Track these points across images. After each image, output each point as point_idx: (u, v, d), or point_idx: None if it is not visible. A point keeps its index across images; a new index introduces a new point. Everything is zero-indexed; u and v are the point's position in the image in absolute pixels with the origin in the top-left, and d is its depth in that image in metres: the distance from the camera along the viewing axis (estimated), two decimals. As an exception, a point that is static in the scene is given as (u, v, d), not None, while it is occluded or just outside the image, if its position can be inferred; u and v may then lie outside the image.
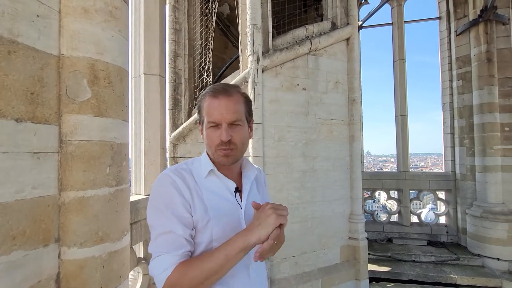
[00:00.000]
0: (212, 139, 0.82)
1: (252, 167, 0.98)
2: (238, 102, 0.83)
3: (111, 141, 1.14)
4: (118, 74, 1.17)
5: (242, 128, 0.83)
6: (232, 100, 0.82)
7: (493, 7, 4.46)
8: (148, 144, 2.62)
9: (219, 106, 0.80)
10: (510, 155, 4.71)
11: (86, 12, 1.08)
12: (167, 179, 0.81)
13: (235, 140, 0.81)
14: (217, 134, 0.81)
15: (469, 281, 4.09)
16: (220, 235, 0.80)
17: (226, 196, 0.86)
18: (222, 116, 0.80)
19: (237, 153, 0.84)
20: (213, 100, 0.82)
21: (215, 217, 0.81)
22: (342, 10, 3.57)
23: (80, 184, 1.03)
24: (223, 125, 0.80)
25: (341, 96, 3.55)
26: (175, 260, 0.72)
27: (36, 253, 0.92)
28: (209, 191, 0.84)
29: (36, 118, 0.93)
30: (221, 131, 0.80)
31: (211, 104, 0.82)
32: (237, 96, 0.84)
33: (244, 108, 0.86)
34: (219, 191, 0.86)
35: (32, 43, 0.92)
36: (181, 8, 3.57)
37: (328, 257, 3.37)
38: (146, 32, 2.64)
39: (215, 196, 0.84)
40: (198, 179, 0.85)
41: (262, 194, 1.03)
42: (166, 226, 0.75)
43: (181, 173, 0.83)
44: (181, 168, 0.87)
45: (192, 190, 0.81)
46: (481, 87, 4.71)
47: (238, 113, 0.82)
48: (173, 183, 0.79)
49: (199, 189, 0.83)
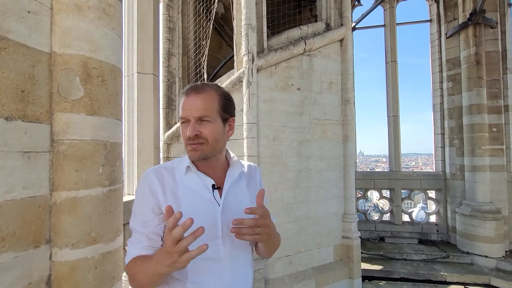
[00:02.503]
0: (183, 135, 0.85)
1: (238, 165, 0.95)
2: (207, 99, 0.84)
3: (104, 140, 1.12)
4: (111, 73, 1.16)
5: (211, 124, 0.84)
6: (201, 96, 0.83)
7: (482, 10, 4.57)
8: (142, 144, 2.58)
9: (187, 103, 0.83)
10: (497, 155, 4.84)
11: (79, 9, 1.05)
12: (145, 180, 0.87)
13: (204, 135, 0.83)
14: (186, 130, 0.83)
15: (459, 278, 4.18)
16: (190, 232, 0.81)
17: (202, 193, 0.86)
18: (189, 112, 0.82)
19: (206, 148, 0.84)
20: (185, 97, 0.85)
21: (188, 214, 0.79)
22: (336, 11, 3.61)
23: (72, 184, 1.01)
24: (191, 120, 0.82)
25: (335, 97, 3.58)
26: (134, 252, 0.82)
27: (26, 255, 0.90)
28: (185, 187, 0.86)
29: (27, 117, 0.91)
30: (189, 126, 0.83)
31: (183, 101, 0.85)
32: (209, 93, 0.85)
33: (217, 104, 0.86)
34: (196, 188, 0.86)
35: (23, 39, 0.90)
36: (175, 6, 3.54)
37: (322, 256, 3.39)
38: (140, 31, 2.60)
39: (190, 192, 0.85)
40: (179, 176, 0.87)
41: (254, 193, 0.98)
42: (132, 222, 0.86)
43: (160, 173, 0.87)
44: (163, 167, 0.90)
45: (167, 189, 0.84)
46: (470, 89, 4.83)
47: (206, 109, 0.83)
48: (150, 185, 0.85)
49: (176, 187, 0.85)
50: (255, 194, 0.93)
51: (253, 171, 1.02)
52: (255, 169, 1.04)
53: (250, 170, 1.01)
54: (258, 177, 1.03)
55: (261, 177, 1.06)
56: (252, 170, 1.02)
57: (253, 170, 1.02)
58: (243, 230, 0.74)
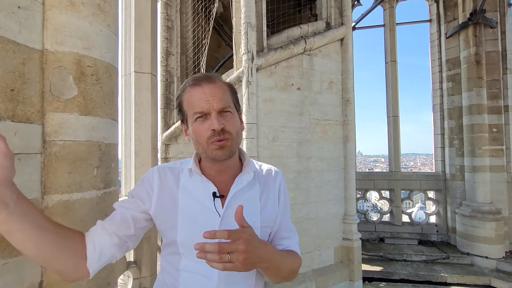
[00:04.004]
0: (201, 133, 0.72)
1: (250, 170, 0.82)
2: (224, 89, 0.75)
3: (99, 141, 1.08)
4: (106, 71, 1.12)
5: (233, 116, 0.75)
6: (217, 86, 0.74)
7: (482, 10, 4.56)
8: (139, 145, 2.54)
9: (204, 94, 0.71)
10: (497, 155, 4.83)
11: (72, 4, 1.01)
12: (148, 174, 0.84)
13: (229, 128, 0.72)
14: (206, 126, 0.71)
15: (459, 279, 4.16)
16: (186, 242, 0.74)
17: (203, 201, 0.77)
18: (209, 103, 0.71)
19: (232, 144, 0.73)
20: (196, 88, 0.73)
21: (184, 222, 0.75)
22: (337, 10, 3.58)
23: (65, 187, 0.97)
24: (212, 113, 0.71)
25: (335, 96, 3.55)
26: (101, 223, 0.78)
27: (16, 261, 0.86)
28: (186, 192, 0.79)
29: (17, 117, 0.87)
30: (211, 120, 0.71)
31: (194, 93, 0.73)
32: (221, 83, 0.77)
33: (231, 96, 0.78)
34: (197, 194, 0.78)
35: (12, 36, 0.86)
36: (173, 5, 3.50)
37: (322, 258, 3.36)
38: (137, 29, 2.56)
39: (191, 199, 0.77)
40: (184, 179, 0.80)
41: (268, 203, 0.82)
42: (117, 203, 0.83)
43: (164, 171, 0.83)
44: (169, 166, 0.84)
45: (165, 190, 0.79)
46: (470, 89, 4.82)
47: (226, 99, 0.74)
48: (149, 180, 0.81)
49: (176, 190, 0.78)
50: (271, 203, 0.82)
51: (272, 176, 0.87)
52: (276, 174, 0.88)
53: (268, 176, 0.87)
54: (278, 183, 0.87)
55: (283, 184, 0.89)
56: (271, 175, 0.87)
57: (271, 176, 0.87)
58: (209, 256, 0.57)
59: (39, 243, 0.62)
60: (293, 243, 0.86)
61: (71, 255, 0.68)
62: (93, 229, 0.77)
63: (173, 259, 0.79)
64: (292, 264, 0.80)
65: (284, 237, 0.86)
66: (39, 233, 0.61)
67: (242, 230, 0.62)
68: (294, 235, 0.89)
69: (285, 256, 0.78)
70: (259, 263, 0.65)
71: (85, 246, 0.71)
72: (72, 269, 0.69)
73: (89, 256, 0.70)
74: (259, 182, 0.84)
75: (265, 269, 0.72)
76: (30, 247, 0.62)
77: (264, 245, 0.69)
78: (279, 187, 0.87)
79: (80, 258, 0.69)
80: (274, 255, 0.71)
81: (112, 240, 0.74)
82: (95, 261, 0.70)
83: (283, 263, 0.74)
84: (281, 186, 0.88)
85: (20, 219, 0.58)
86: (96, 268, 0.71)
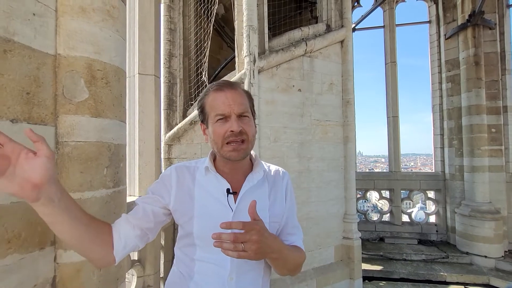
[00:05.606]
0: (219, 133, 0.79)
1: (261, 170, 0.89)
2: (243, 96, 0.84)
3: (109, 142, 1.12)
4: (115, 74, 1.16)
5: (250, 120, 0.83)
6: (238, 92, 0.82)
7: (481, 12, 4.60)
8: (143, 145, 2.58)
9: (226, 99, 0.79)
10: (496, 155, 4.87)
11: (84, 11, 1.06)
12: (166, 172, 0.90)
13: (246, 130, 0.79)
14: (225, 127, 0.78)
15: (458, 279, 4.20)
16: (201, 234, 0.81)
17: (217, 196, 0.84)
18: (231, 107, 0.78)
19: (247, 146, 0.81)
20: (219, 93, 0.81)
21: (199, 215, 0.82)
22: (337, 12, 3.62)
23: (77, 185, 1.01)
24: (232, 116, 0.78)
25: (336, 98, 3.60)
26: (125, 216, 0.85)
27: (31, 257, 0.90)
28: (202, 188, 0.86)
29: (32, 119, 0.91)
30: (230, 122, 0.78)
31: (217, 97, 0.81)
32: (241, 90, 0.86)
33: (249, 102, 0.86)
34: (212, 190, 0.85)
35: (28, 42, 0.90)
36: (176, 8, 3.55)
37: (323, 257, 3.40)
38: (141, 32, 2.60)
39: (206, 194, 0.85)
40: (199, 176, 0.87)
41: (277, 201, 0.90)
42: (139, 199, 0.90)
43: (182, 170, 0.89)
44: (186, 165, 0.91)
45: (183, 187, 0.86)
46: (469, 90, 4.85)
47: (246, 105, 0.82)
48: (167, 177, 0.88)
49: (193, 187, 0.86)
50: (279, 200, 0.90)
51: (279, 176, 0.95)
52: (283, 175, 0.96)
53: (276, 176, 0.94)
54: (285, 183, 0.94)
55: (289, 184, 0.96)
56: (278, 175, 0.95)
57: (279, 176, 0.94)
58: (224, 245, 0.65)
59: (76, 233, 0.70)
60: (298, 239, 0.95)
61: (101, 244, 0.76)
62: (118, 221, 0.84)
63: (189, 250, 0.86)
64: (298, 258, 0.88)
65: (290, 233, 0.94)
66: (75, 225, 0.69)
67: (255, 222, 0.69)
68: (299, 232, 0.96)
69: (292, 250, 0.86)
70: (269, 253, 0.73)
71: (112, 237, 0.78)
72: (101, 256, 0.77)
73: (115, 245, 0.78)
74: (268, 181, 0.91)
75: (274, 260, 0.80)
76: (68, 236, 0.70)
77: (274, 237, 0.77)
78: (286, 186, 0.94)
79: (108, 247, 0.77)
80: (282, 247, 0.80)
81: (135, 231, 0.81)
82: (120, 249, 0.78)
83: (290, 255, 0.83)
84: (288, 185, 0.95)
85: (62, 213, 0.65)
86: (121, 256, 0.79)
